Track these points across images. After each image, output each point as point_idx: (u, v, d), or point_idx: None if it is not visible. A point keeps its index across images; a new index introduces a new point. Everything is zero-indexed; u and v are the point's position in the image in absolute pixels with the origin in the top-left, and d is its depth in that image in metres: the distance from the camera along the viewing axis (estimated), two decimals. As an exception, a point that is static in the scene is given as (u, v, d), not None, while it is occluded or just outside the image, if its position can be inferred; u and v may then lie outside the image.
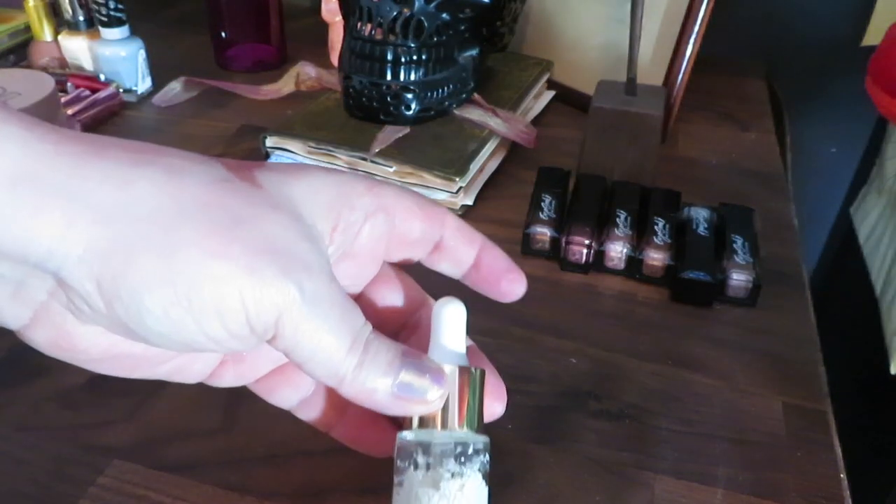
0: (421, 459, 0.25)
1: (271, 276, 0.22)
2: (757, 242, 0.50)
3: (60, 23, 0.76)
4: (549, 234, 0.51)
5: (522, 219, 0.53)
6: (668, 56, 0.67)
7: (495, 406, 0.28)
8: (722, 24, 0.76)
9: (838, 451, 0.39)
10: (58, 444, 0.37)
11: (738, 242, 0.49)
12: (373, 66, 0.59)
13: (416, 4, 0.57)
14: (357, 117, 0.61)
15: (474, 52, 0.63)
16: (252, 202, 0.23)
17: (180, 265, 0.21)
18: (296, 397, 0.29)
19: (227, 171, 0.23)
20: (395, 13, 0.57)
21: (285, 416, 0.40)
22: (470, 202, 0.57)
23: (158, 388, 0.41)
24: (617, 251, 0.50)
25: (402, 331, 0.29)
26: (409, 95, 0.59)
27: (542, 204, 0.52)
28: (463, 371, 0.25)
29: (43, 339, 0.23)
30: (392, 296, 0.29)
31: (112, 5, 0.70)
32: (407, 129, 0.60)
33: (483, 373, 0.26)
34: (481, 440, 0.26)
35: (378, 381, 0.24)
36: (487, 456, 0.26)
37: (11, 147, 0.19)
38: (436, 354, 0.26)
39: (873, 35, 0.87)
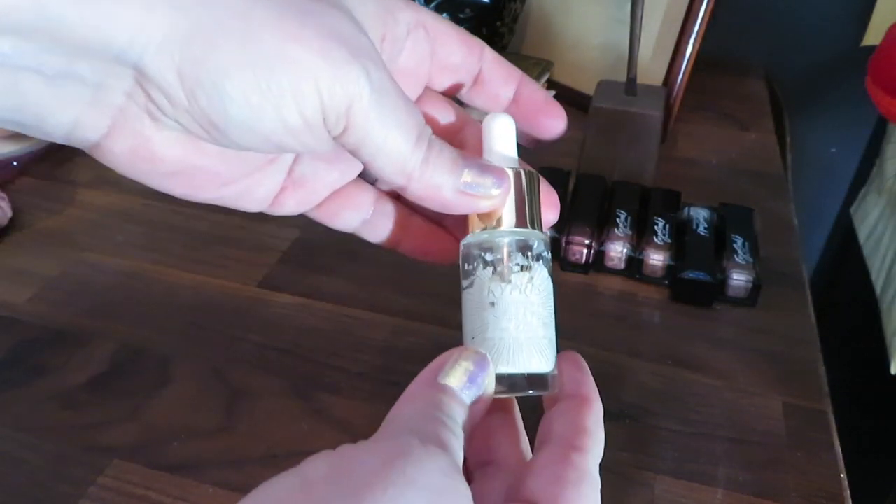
0: (489, 257, 0.25)
1: (342, 60, 0.22)
2: (757, 242, 0.50)
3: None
4: (549, 234, 0.51)
5: (522, 219, 0.53)
6: (668, 56, 0.67)
7: (549, 213, 0.28)
8: (722, 24, 0.76)
9: (838, 451, 0.39)
10: (58, 444, 0.37)
11: (738, 242, 0.49)
12: (373, 66, 0.59)
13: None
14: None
15: (474, 52, 0.63)
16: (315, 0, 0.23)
17: (258, 49, 0.21)
18: (358, 218, 0.30)
19: None
20: (395, 13, 0.57)
21: (285, 416, 0.40)
22: (470, 202, 0.57)
23: (158, 387, 0.41)
24: (617, 251, 0.50)
25: None
26: (409, 95, 0.59)
27: (542, 204, 0.52)
28: (518, 173, 0.26)
29: (121, 149, 0.23)
30: (437, 114, 0.30)
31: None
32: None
33: (538, 175, 0.27)
34: (542, 237, 0.26)
35: (444, 178, 0.25)
36: (549, 253, 0.27)
37: None
38: (491, 160, 0.27)
39: (873, 35, 0.87)
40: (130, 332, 0.45)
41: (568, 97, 0.75)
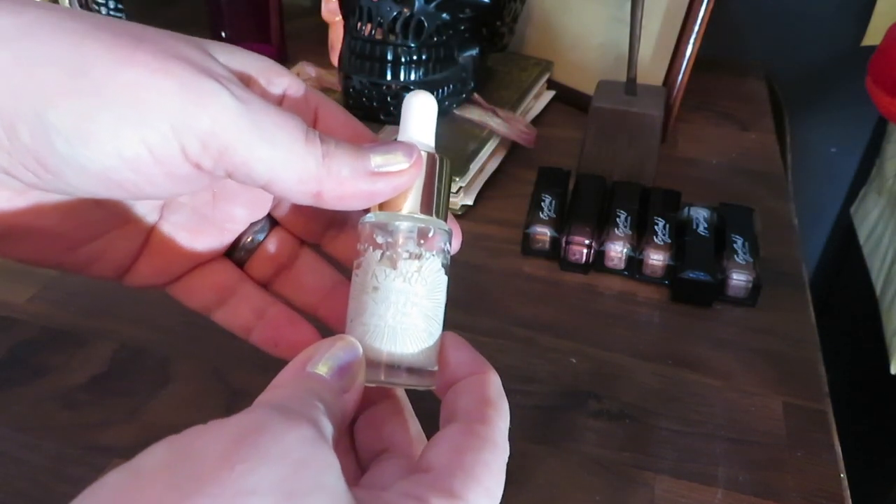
0: (380, 239, 0.24)
1: (190, 77, 0.20)
2: (757, 242, 0.50)
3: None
4: (549, 234, 0.52)
5: (522, 219, 0.53)
6: (668, 56, 0.67)
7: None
8: (722, 24, 0.76)
9: (838, 451, 0.39)
10: (58, 444, 0.37)
11: (738, 242, 0.49)
12: (373, 66, 0.59)
13: (416, 4, 0.57)
14: (357, 117, 0.61)
15: (474, 52, 0.63)
16: (154, 30, 0.21)
17: (85, 75, 0.19)
18: (215, 299, 0.28)
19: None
20: (395, 13, 0.57)
21: (285, 416, 0.40)
22: (470, 202, 0.57)
23: (158, 388, 0.41)
24: (617, 251, 0.50)
25: None
26: (409, 95, 0.59)
27: (542, 204, 0.52)
28: (431, 156, 0.25)
29: None
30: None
31: (112, 5, 0.70)
32: (407, 129, 0.60)
33: (450, 162, 0.26)
34: (443, 227, 0.25)
35: (353, 165, 0.22)
36: (449, 245, 0.25)
37: None
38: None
39: (873, 35, 0.87)
40: (130, 332, 0.45)
41: (568, 97, 0.75)
